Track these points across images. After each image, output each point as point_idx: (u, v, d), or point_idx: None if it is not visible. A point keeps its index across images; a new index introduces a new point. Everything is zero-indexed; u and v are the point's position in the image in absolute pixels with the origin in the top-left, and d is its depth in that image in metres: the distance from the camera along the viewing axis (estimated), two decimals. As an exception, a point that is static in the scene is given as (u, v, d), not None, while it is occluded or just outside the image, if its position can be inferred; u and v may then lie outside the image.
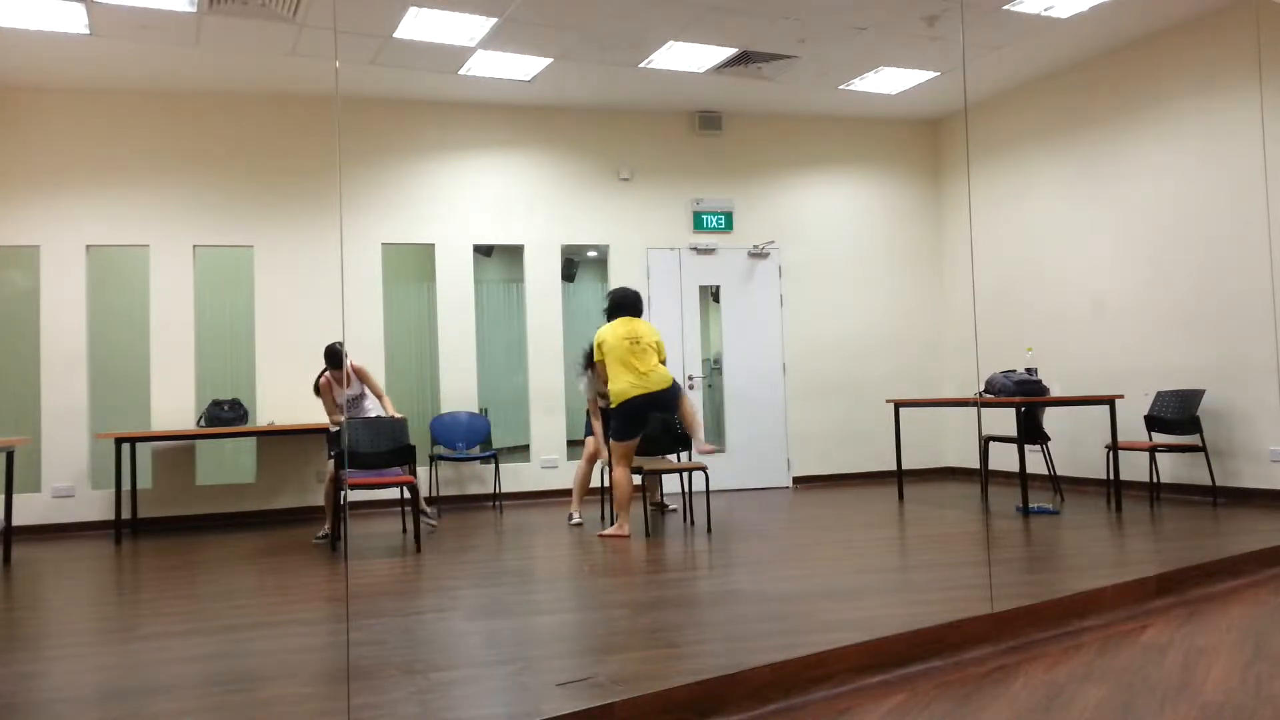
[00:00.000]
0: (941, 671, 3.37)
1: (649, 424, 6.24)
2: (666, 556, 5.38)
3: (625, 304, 6.39)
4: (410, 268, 8.81)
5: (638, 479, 7.31)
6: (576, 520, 6.76)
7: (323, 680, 3.19)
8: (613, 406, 6.13)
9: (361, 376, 6.51)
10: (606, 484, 6.86)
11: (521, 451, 8.84)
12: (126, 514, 7.12)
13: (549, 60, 7.29)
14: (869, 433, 9.12)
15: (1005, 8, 6.53)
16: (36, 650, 3.75)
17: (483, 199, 8.37)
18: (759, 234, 9.00)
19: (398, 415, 6.31)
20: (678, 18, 6.54)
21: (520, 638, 3.65)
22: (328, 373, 6.45)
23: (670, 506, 7.23)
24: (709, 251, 8.88)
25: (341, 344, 6.65)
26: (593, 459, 6.81)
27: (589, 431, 6.82)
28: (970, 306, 9.20)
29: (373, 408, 6.51)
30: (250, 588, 4.89)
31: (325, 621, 4.07)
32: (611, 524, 6.34)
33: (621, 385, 6.08)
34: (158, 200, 7.66)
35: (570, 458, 8.40)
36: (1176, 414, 6.81)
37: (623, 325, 6.25)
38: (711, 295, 9.36)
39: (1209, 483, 6.77)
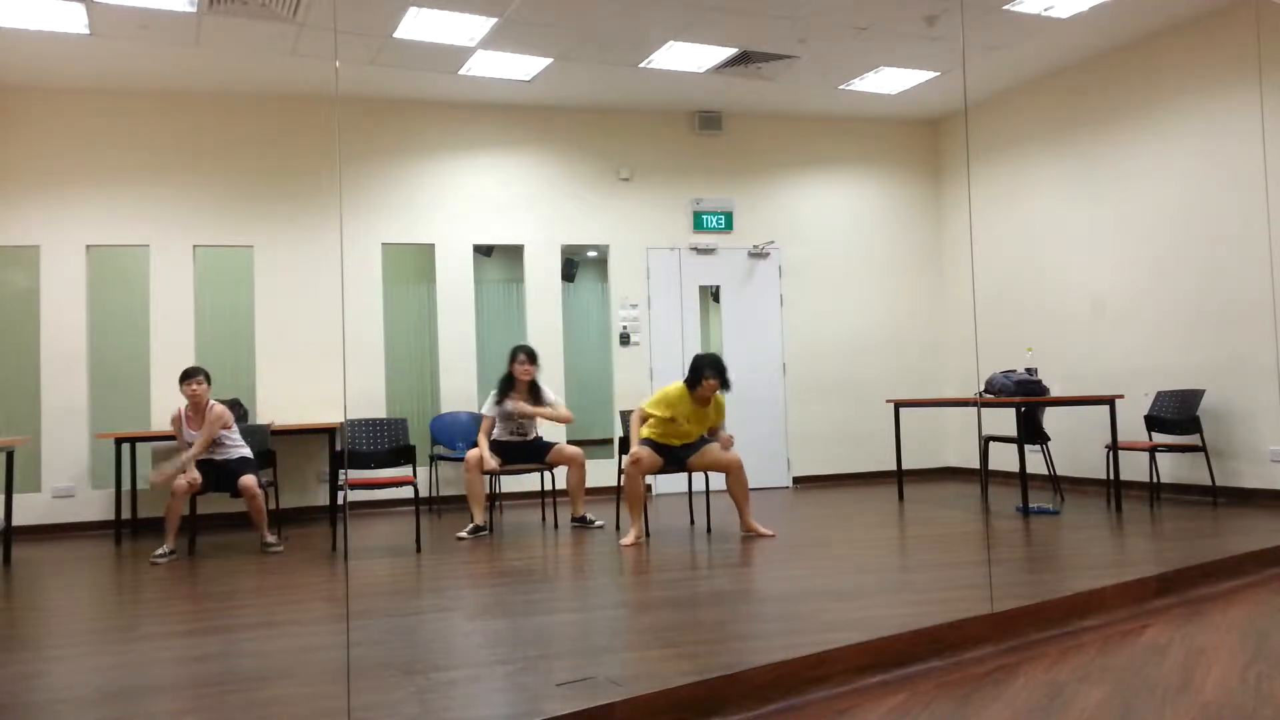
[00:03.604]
0: (941, 671, 3.37)
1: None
2: (666, 556, 5.38)
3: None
4: (410, 268, 8.80)
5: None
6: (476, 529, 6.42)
7: (323, 680, 3.19)
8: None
9: (211, 419, 6.15)
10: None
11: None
12: (126, 514, 7.12)
13: (549, 60, 7.29)
14: (869, 433, 9.12)
15: (1005, 8, 6.53)
16: (36, 650, 3.75)
17: (483, 199, 8.37)
18: (759, 234, 9.00)
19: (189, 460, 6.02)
20: (678, 18, 6.54)
21: (520, 638, 3.65)
22: (184, 409, 6.20)
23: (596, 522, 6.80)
24: (709, 251, 8.88)
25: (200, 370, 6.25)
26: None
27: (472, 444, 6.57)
28: (970, 306, 9.20)
29: (231, 444, 6.22)
30: (250, 588, 4.89)
31: (325, 621, 4.07)
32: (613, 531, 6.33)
33: None
34: (158, 200, 7.66)
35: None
36: (1176, 414, 6.81)
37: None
38: (711, 295, 9.36)
39: (1209, 483, 6.76)
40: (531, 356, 6.68)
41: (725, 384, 5.99)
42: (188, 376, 6.18)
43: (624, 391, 8.54)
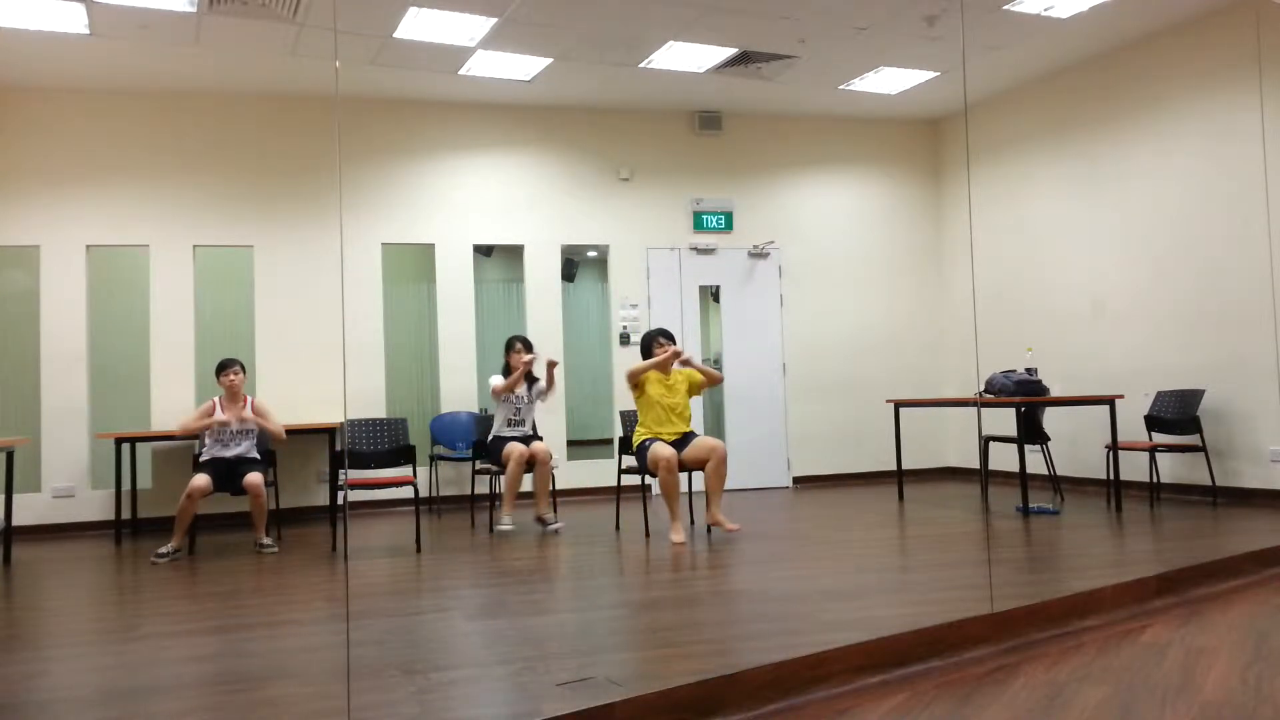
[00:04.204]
0: (941, 671, 3.37)
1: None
2: (667, 556, 5.38)
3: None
4: (410, 268, 8.80)
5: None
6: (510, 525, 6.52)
7: (323, 680, 3.19)
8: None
9: (262, 415, 6.35)
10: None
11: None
12: (126, 514, 7.12)
13: (549, 60, 7.29)
14: (869, 433, 9.12)
15: (1005, 8, 6.53)
16: (36, 650, 3.75)
17: (483, 199, 8.37)
18: (759, 234, 9.00)
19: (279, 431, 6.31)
20: (678, 18, 6.54)
21: (520, 638, 3.65)
22: (219, 399, 6.31)
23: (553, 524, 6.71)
24: (709, 251, 8.88)
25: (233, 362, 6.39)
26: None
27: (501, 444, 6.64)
28: (970, 306, 9.20)
29: (248, 444, 6.32)
30: (250, 588, 4.89)
31: (325, 621, 4.07)
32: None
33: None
34: (158, 200, 7.66)
35: (570, 458, 8.41)
36: (1176, 414, 6.80)
37: None
38: (711, 295, 9.36)
39: (1209, 483, 6.76)
40: (529, 346, 6.84)
41: (671, 338, 6.25)
42: (225, 367, 6.33)
43: (624, 391, 8.52)
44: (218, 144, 7.81)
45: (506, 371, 6.81)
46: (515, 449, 6.49)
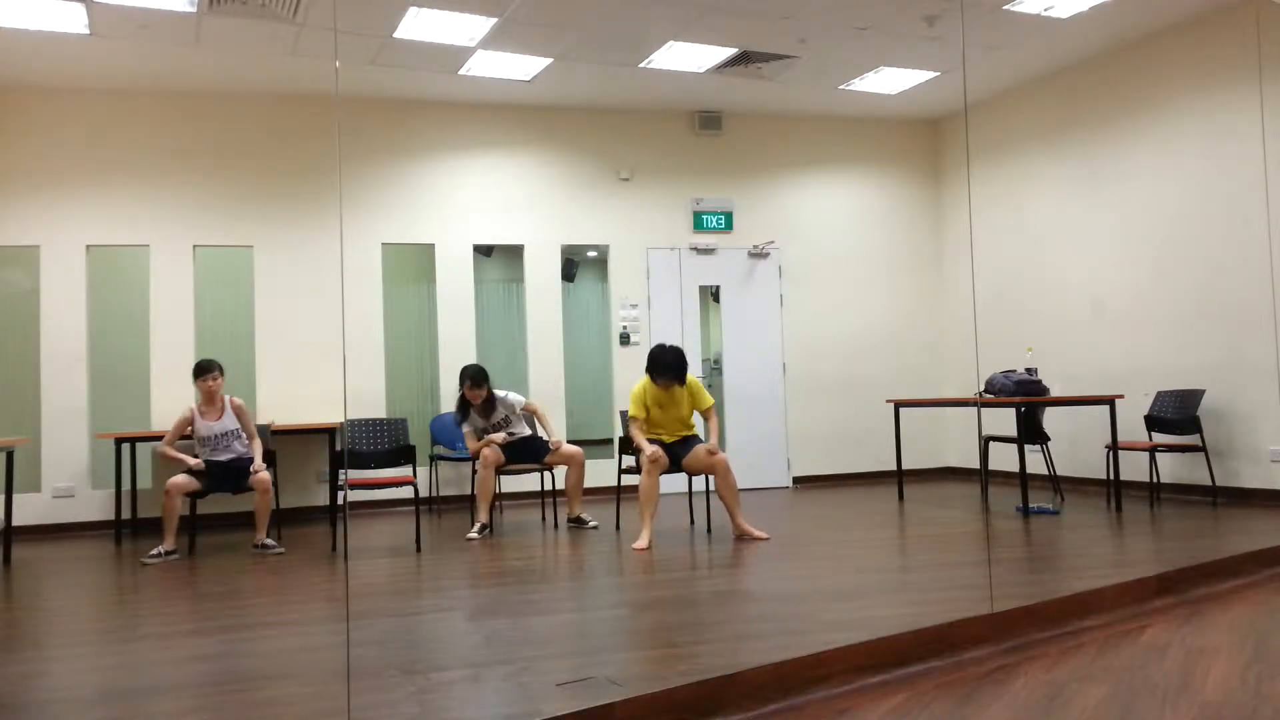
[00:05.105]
0: (941, 671, 3.37)
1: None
2: (666, 556, 5.38)
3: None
4: (410, 268, 8.80)
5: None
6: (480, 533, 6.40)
7: (323, 680, 3.19)
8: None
9: (241, 415, 6.30)
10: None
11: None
12: (126, 514, 7.12)
13: (549, 60, 7.29)
14: (869, 433, 9.12)
15: (1005, 8, 6.53)
16: (36, 650, 3.75)
17: (483, 199, 8.37)
18: (759, 234, 9.00)
19: (261, 471, 6.11)
20: (678, 18, 6.54)
21: (520, 638, 3.65)
22: (196, 405, 6.28)
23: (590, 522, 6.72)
24: (709, 251, 8.88)
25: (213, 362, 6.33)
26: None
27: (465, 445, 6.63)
28: (970, 306, 9.20)
29: (242, 448, 6.27)
30: (250, 588, 4.89)
31: (325, 621, 4.07)
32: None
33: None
34: (158, 200, 7.66)
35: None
36: (1176, 414, 6.80)
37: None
38: (711, 295, 9.36)
39: (1209, 483, 6.76)
40: (476, 381, 6.56)
41: (680, 380, 6.07)
42: (203, 371, 6.26)
43: (624, 392, 8.53)
44: (218, 144, 7.81)
45: (463, 405, 6.65)
46: (485, 454, 6.40)
